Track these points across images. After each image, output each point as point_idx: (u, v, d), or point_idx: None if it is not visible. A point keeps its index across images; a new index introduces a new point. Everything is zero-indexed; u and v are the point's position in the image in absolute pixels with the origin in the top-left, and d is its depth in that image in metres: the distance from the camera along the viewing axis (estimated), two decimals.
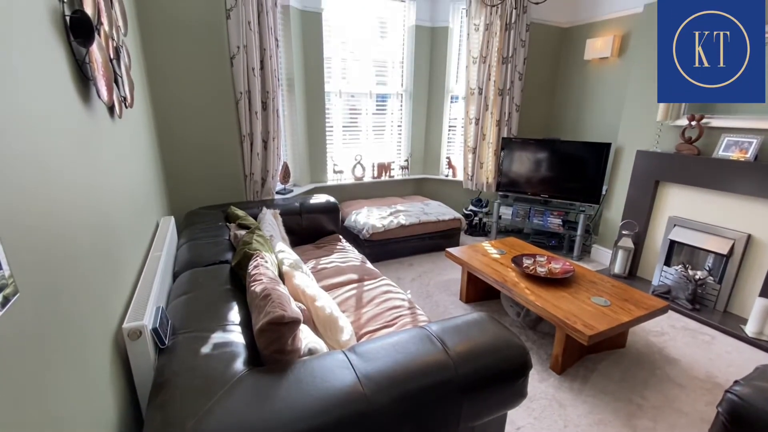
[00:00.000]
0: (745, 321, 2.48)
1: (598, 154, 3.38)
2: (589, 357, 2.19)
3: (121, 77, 1.59)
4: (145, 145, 2.07)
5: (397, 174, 4.33)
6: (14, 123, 0.72)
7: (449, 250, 2.80)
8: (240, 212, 2.44)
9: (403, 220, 3.40)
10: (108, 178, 1.30)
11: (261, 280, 1.44)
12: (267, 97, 2.87)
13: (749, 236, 2.51)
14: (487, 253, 2.74)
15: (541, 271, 2.36)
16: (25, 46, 0.81)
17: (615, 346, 2.27)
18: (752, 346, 2.34)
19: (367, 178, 4.14)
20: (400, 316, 1.82)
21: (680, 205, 2.89)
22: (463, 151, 4.18)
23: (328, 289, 2.08)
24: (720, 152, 2.60)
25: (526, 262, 2.47)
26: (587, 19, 3.75)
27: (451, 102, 4.29)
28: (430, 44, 4.08)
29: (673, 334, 2.46)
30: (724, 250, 2.59)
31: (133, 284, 1.41)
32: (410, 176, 4.40)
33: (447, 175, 4.45)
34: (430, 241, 3.61)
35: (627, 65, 3.38)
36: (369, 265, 2.42)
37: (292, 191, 3.46)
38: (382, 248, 3.38)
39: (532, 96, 4.09)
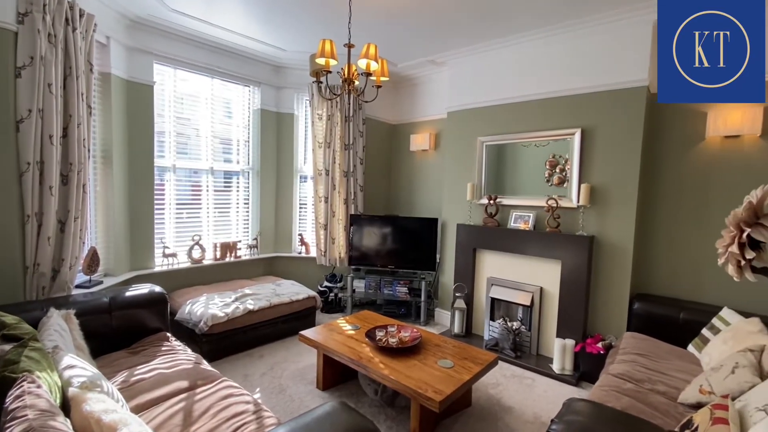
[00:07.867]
0: (552, 360, 3.01)
1: (429, 227, 3.92)
2: (443, 423, 2.24)
3: None
4: None
5: (244, 254, 4.01)
6: None
7: (303, 332, 2.62)
8: (10, 318, 1.77)
9: (250, 305, 3.08)
10: None
11: (25, 416, 1.01)
12: (70, 169, 2.36)
13: (541, 288, 3.18)
14: (342, 331, 2.67)
15: (392, 341, 2.40)
16: None
17: (463, 406, 2.40)
18: (560, 381, 2.82)
19: (208, 261, 3.70)
20: (244, 424, 1.53)
21: (494, 267, 3.51)
22: (315, 228, 4.23)
23: (144, 407, 1.62)
24: (512, 224, 3.34)
25: (379, 334, 2.49)
26: (409, 119, 4.56)
27: (301, 181, 4.40)
28: (276, 127, 4.21)
29: (506, 383, 2.78)
30: (527, 302, 3.19)
31: None
32: (260, 255, 4.13)
33: (300, 253, 4.36)
34: (283, 325, 3.33)
35: (441, 156, 4.16)
36: (205, 365, 2.03)
37: (101, 282, 2.77)
38: (226, 341, 2.93)
39: (374, 178, 4.56)
